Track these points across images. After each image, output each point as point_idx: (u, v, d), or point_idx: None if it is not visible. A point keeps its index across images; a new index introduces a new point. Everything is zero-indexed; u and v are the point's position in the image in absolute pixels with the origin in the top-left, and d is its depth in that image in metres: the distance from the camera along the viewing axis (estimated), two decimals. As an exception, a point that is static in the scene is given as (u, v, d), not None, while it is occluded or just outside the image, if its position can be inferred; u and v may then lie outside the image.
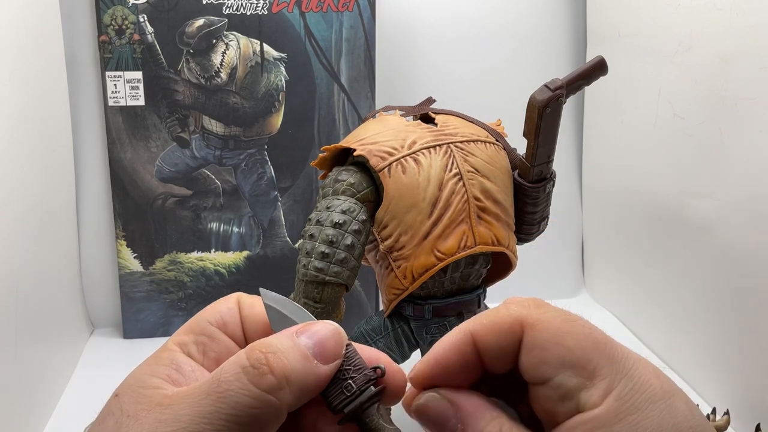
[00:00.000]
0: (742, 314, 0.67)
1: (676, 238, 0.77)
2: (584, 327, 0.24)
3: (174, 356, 0.26)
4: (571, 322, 0.24)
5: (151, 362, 0.27)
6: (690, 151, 0.73)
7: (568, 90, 0.55)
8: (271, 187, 0.87)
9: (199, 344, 0.27)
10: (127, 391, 0.25)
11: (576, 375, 0.23)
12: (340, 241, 0.53)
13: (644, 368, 0.23)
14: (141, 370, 0.26)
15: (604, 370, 0.23)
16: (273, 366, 0.24)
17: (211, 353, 0.27)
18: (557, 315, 0.24)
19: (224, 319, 0.28)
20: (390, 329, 0.61)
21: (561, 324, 0.24)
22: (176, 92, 0.83)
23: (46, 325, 0.72)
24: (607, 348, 0.23)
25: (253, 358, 0.24)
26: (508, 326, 0.24)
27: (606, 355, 0.23)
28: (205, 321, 0.28)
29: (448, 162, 0.55)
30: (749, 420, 0.65)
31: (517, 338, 0.24)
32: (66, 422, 0.70)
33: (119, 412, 0.25)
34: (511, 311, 0.24)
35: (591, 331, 0.24)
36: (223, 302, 0.29)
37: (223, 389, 0.23)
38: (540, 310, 0.24)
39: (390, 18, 0.90)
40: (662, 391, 0.23)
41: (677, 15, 0.73)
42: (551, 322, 0.24)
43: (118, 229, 0.85)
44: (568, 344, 0.23)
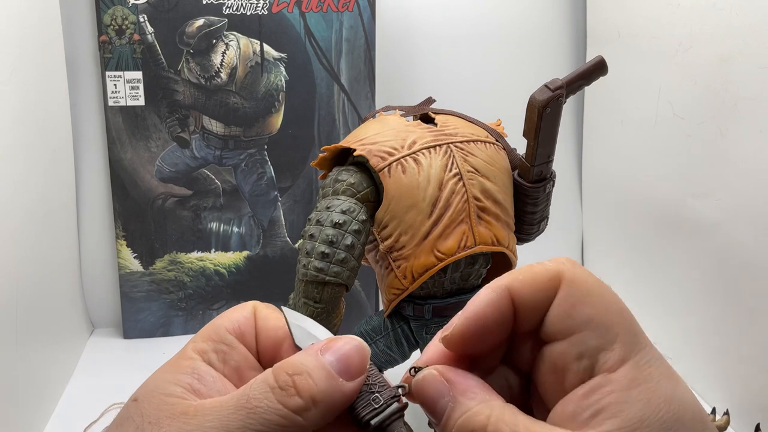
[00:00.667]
0: (742, 314, 0.67)
1: (676, 238, 0.77)
2: (613, 294, 0.25)
3: (195, 365, 0.26)
4: (602, 286, 0.25)
5: (171, 369, 0.26)
6: (690, 151, 0.73)
7: (568, 90, 0.55)
8: (271, 187, 0.87)
9: (219, 352, 0.27)
10: (147, 397, 0.25)
11: (599, 336, 0.24)
12: (340, 241, 0.53)
13: (655, 349, 0.25)
14: (161, 376, 0.26)
15: (625, 338, 0.24)
16: (300, 388, 0.24)
17: (231, 362, 0.27)
18: (591, 275, 0.25)
19: (242, 329, 0.28)
20: (390, 329, 0.61)
21: (595, 284, 0.25)
22: (176, 92, 0.83)
23: (46, 325, 0.72)
24: (631, 319, 0.24)
25: (281, 380, 0.25)
26: (547, 280, 0.25)
27: (628, 326, 0.24)
28: (224, 329, 0.28)
29: (448, 162, 0.55)
30: (749, 420, 0.65)
31: (553, 292, 0.25)
32: (66, 422, 0.70)
33: (139, 418, 0.24)
34: (548, 266, 0.25)
35: (618, 300, 0.25)
36: (240, 311, 0.29)
37: (253, 406, 0.24)
38: (575, 267, 0.25)
39: (390, 18, 0.90)
40: (672, 371, 0.24)
41: (677, 15, 0.73)
42: (587, 280, 0.25)
43: (118, 229, 0.85)
44: (598, 305, 0.24)
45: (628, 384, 0.23)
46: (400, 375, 0.29)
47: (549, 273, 0.25)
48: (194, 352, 0.27)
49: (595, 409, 0.23)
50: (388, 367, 0.64)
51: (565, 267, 0.25)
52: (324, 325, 0.55)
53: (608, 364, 0.23)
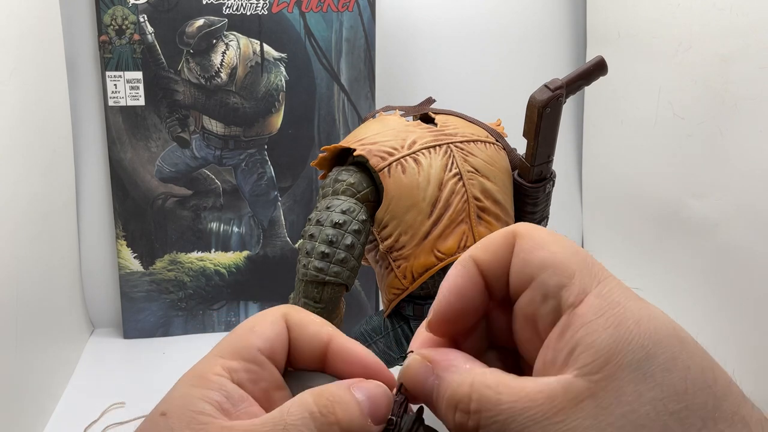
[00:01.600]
0: (742, 313, 0.67)
1: (676, 238, 0.77)
2: (566, 239, 0.26)
3: (223, 382, 0.26)
4: (557, 236, 0.26)
5: (198, 383, 0.26)
6: (690, 151, 0.73)
7: (568, 90, 0.55)
8: (271, 187, 0.87)
9: (250, 373, 0.26)
10: (176, 413, 0.25)
11: (556, 273, 0.24)
12: (340, 241, 0.53)
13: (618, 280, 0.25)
14: (189, 392, 0.25)
15: (582, 272, 0.24)
16: (340, 416, 0.24)
17: (262, 383, 0.27)
18: (544, 231, 0.26)
19: (273, 348, 0.27)
20: (390, 329, 0.61)
21: (547, 235, 0.26)
22: (176, 92, 0.83)
23: (46, 325, 0.72)
24: (586, 257, 0.25)
25: (322, 404, 0.24)
26: (503, 240, 0.26)
27: (584, 262, 0.24)
28: (256, 349, 0.27)
29: (448, 162, 0.55)
30: (749, 420, 0.65)
31: (511, 248, 0.26)
32: (66, 422, 0.70)
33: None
34: (503, 230, 0.26)
35: (572, 244, 0.25)
36: (271, 326, 0.28)
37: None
38: (530, 226, 0.26)
39: (390, 18, 0.90)
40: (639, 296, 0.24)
41: (677, 15, 0.73)
42: (538, 232, 0.26)
43: (118, 229, 0.85)
44: (552, 248, 0.25)
45: (593, 314, 0.23)
46: (400, 375, 0.28)
47: (504, 233, 0.26)
48: (223, 370, 0.26)
49: (569, 348, 0.23)
50: (389, 367, 0.64)
51: (520, 226, 0.26)
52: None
53: (571, 298, 0.24)
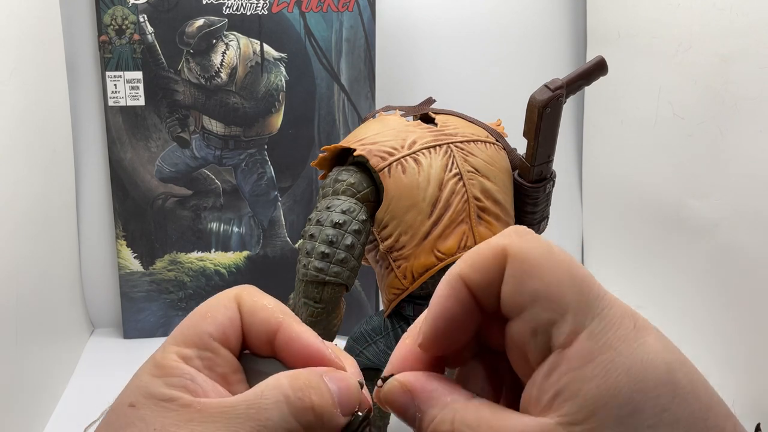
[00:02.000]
0: (742, 314, 0.67)
1: (676, 238, 0.77)
2: (563, 261, 0.23)
3: (182, 367, 0.25)
4: (550, 254, 0.23)
5: (158, 372, 0.25)
6: (690, 151, 0.73)
7: (568, 90, 0.55)
8: (271, 187, 0.87)
9: (204, 359, 0.26)
10: (145, 403, 0.25)
11: (548, 309, 0.23)
12: (340, 241, 0.53)
13: (618, 308, 0.23)
14: (150, 380, 0.25)
15: (577, 307, 0.22)
16: (315, 401, 0.24)
17: (217, 369, 0.26)
18: (538, 245, 0.24)
19: (227, 333, 0.27)
20: (390, 329, 0.61)
21: (541, 255, 0.23)
22: (176, 92, 0.83)
23: (47, 325, 0.72)
24: (583, 285, 0.23)
25: (297, 388, 0.24)
26: (492, 258, 0.24)
27: (581, 292, 0.23)
28: (207, 335, 0.26)
29: (448, 162, 0.55)
30: (749, 420, 0.65)
31: (501, 269, 0.24)
32: (66, 422, 0.70)
33: (142, 424, 0.24)
34: (493, 244, 0.24)
35: (569, 266, 0.23)
36: (223, 310, 0.27)
37: (264, 417, 0.23)
38: (521, 238, 0.24)
39: (390, 18, 0.90)
40: (636, 329, 0.22)
41: (677, 15, 0.73)
42: (532, 252, 0.23)
43: (118, 229, 0.85)
44: (545, 277, 0.23)
45: (582, 359, 0.22)
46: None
47: (494, 251, 0.24)
48: (178, 358, 0.26)
49: (554, 391, 0.22)
50: (388, 367, 0.64)
51: (510, 240, 0.24)
52: (324, 324, 0.55)
53: (561, 338, 0.22)
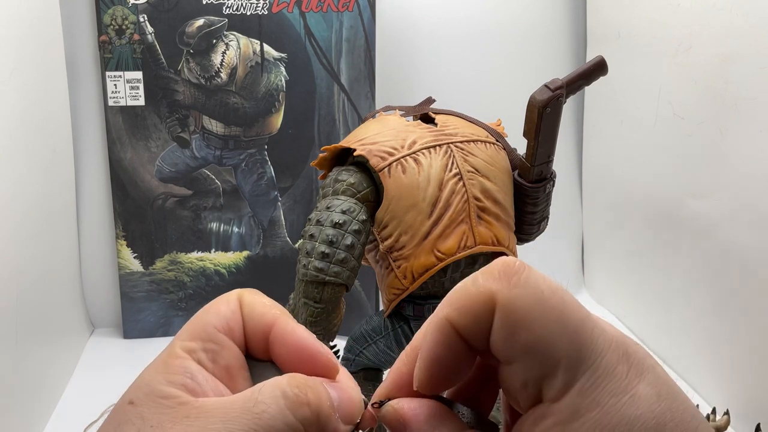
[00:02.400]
0: (742, 314, 0.67)
1: (676, 238, 0.77)
2: (554, 309, 0.22)
3: (186, 363, 0.26)
4: (541, 302, 0.22)
5: (162, 369, 0.26)
6: (690, 151, 0.73)
7: (568, 90, 0.55)
8: (271, 187, 0.87)
9: (209, 352, 0.26)
10: (144, 400, 0.25)
11: (539, 364, 0.22)
12: (340, 241, 0.53)
13: (613, 353, 0.22)
14: (153, 378, 0.26)
15: (569, 361, 0.22)
16: (311, 398, 0.24)
17: (222, 361, 0.26)
18: (528, 292, 0.23)
19: (230, 324, 0.27)
20: (390, 329, 0.61)
21: (531, 305, 0.22)
22: (176, 92, 0.83)
23: (47, 325, 0.72)
24: (575, 335, 0.22)
25: (294, 385, 0.24)
26: (482, 305, 0.23)
27: (573, 343, 0.22)
28: (212, 327, 0.27)
29: (448, 162, 0.55)
30: (749, 420, 0.65)
31: (490, 317, 0.23)
32: (66, 422, 0.70)
33: (140, 422, 0.24)
34: (481, 287, 0.23)
35: (561, 314, 0.22)
36: (225, 304, 0.28)
37: (260, 410, 0.24)
38: (510, 283, 0.23)
39: (390, 18, 0.90)
40: (628, 379, 0.22)
41: (677, 15, 0.73)
42: (522, 303, 0.23)
43: (118, 229, 0.85)
44: (536, 330, 0.22)
45: (570, 416, 0.22)
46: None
47: (482, 297, 0.23)
48: (183, 351, 0.26)
49: None
50: (388, 367, 0.64)
51: (499, 286, 0.23)
52: (324, 324, 0.55)
53: (552, 392, 0.22)
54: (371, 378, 0.63)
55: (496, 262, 0.24)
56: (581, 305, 0.23)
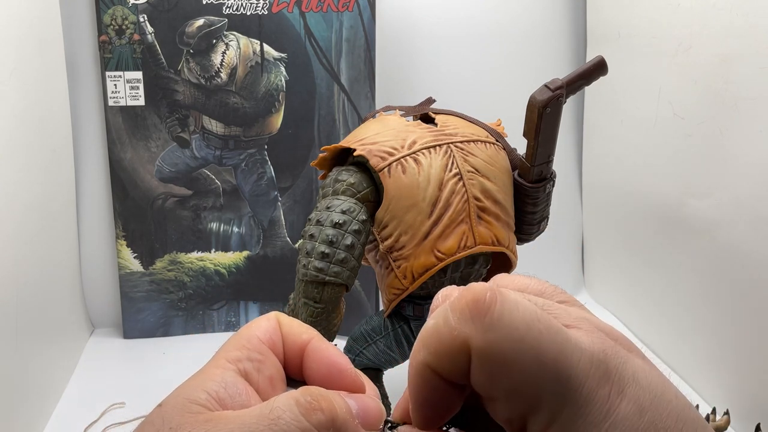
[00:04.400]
0: (742, 314, 0.67)
1: (676, 238, 0.77)
2: (531, 348, 0.22)
3: (225, 374, 0.27)
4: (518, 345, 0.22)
5: (199, 377, 0.27)
6: (690, 151, 0.73)
7: (568, 90, 0.55)
8: (271, 187, 0.87)
9: (254, 361, 0.27)
10: (171, 402, 0.26)
11: (521, 404, 0.23)
12: (340, 241, 0.53)
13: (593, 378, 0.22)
14: (189, 384, 0.26)
15: (551, 398, 0.22)
16: (323, 406, 0.25)
17: (266, 371, 0.28)
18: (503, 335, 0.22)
19: (273, 338, 0.28)
20: (390, 329, 0.61)
21: (508, 349, 0.22)
22: (176, 92, 0.83)
23: (46, 325, 0.72)
24: (555, 369, 0.22)
25: (308, 393, 0.25)
26: (457, 350, 0.23)
27: (553, 380, 0.22)
28: (257, 338, 0.28)
29: (448, 162, 0.55)
30: (749, 420, 0.65)
31: (466, 362, 0.23)
32: (66, 422, 0.70)
33: (160, 422, 0.25)
34: (453, 331, 0.23)
35: (539, 351, 0.22)
36: (266, 321, 0.29)
37: (275, 416, 0.24)
38: (483, 325, 0.22)
39: (390, 18, 0.90)
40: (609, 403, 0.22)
41: (677, 15, 0.73)
42: (497, 348, 0.22)
43: (118, 229, 0.85)
44: (514, 374, 0.22)
45: None
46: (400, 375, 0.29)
47: (456, 342, 0.23)
48: (227, 361, 0.27)
49: None
50: (388, 367, 0.64)
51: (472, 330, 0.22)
52: (324, 324, 0.55)
53: (535, 427, 0.22)
54: (371, 378, 0.63)
55: (466, 295, 0.23)
56: (558, 327, 0.23)
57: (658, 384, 0.23)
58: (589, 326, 0.24)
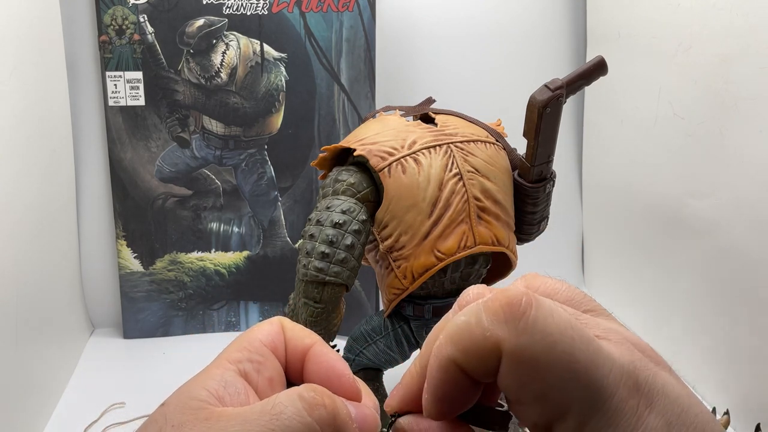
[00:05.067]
0: (742, 314, 0.67)
1: (676, 238, 0.77)
2: (563, 354, 0.22)
3: (225, 374, 0.27)
4: (551, 350, 0.22)
5: (201, 376, 0.27)
6: (690, 151, 0.73)
7: (568, 90, 0.55)
8: (271, 187, 0.87)
9: (254, 362, 0.28)
10: (173, 401, 0.26)
11: (549, 410, 0.23)
12: (340, 241, 0.53)
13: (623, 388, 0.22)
14: (191, 383, 0.27)
15: (579, 405, 0.22)
16: (326, 402, 0.25)
17: (266, 373, 0.28)
18: (536, 339, 0.22)
19: (275, 342, 0.29)
20: (390, 329, 0.61)
21: (539, 353, 0.22)
22: (176, 92, 0.83)
23: (46, 325, 0.72)
24: (586, 377, 0.22)
25: (310, 389, 0.26)
26: (488, 351, 0.23)
27: (585, 387, 0.22)
28: (258, 341, 0.28)
29: (448, 162, 0.55)
30: (749, 420, 0.65)
31: (496, 363, 0.23)
32: (66, 422, 0.70)
33: (162, 420, 0.25)
34: (486, 332, 0.23)
35: (571, 359, 0.22)
36: (269, 325, 0.29)
37: (278, 411, 0.24)
38: (518, 329, 0.22)
39: (390, 18, 0.90)
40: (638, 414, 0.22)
41: (677, 15, 0.73)
42: (530, 352, 0.22)
43: (118, 229, 0.85)
44: (545, 379, 0.22)
45: None
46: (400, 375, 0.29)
47: (488, 343, 0.23)
48: (228, 362, 0.27)
49: None
50: (388, 367, 0.64)
51: (505, 333, 0.22)
52: (324, 324, 0.55)
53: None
54: (371, 378, 0.63)
55: (501, 298, 0.23)
56: (590, 337, 0.23)
57: (685, 398, 0.23)
58: (619, 337, 0.24)
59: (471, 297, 0.26)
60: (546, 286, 0.27)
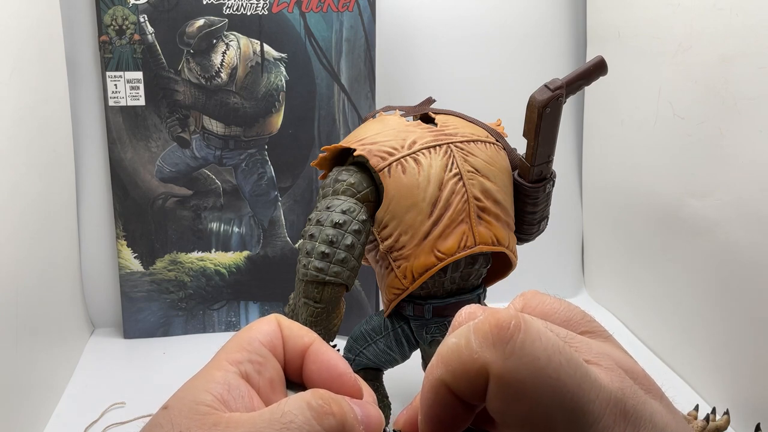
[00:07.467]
0: (742, 314, 0.67)
1: (676, 238, 0.77)
2: (550, 379, 0.22)
3: (228, 376, 0.26)
4: (537, 374, 0.22)
5: (202, 378, 0.27)
6: (690, 151, 0.73)
7: (568, 90, 0.55)
8: (271, 187, 0.87)
9: (255, 363, 0.27)
10: (177, 405, 0.25)
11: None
12: (340, 241, 0.53)
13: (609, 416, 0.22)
14: (193, 384, 0.26)
15: (563, 429, 0.22)
16: (335, 410, 0.25)
17: (266, 373, 0.28)
18: (523, 363, 0.22)
19: (273, 342, 0.28)
20: (390, 329, 0.61)
21: (526, 378, 0.22)
22: (176, 92, 0.83)
23: (47, 325, 0.72)
24: (572, 402, 0.22)
25: (318, 396, 0.25)
26: (475, 373, 0.23)
27: (569, 411, 0.22)
28: (257, 341, 0.28)
29: (448, 162, 0.55)
30: (749, 420, 0.65)
31: (484, 385, 0.23)
32: (66, 422, 0.70)
33: (169, 425, 0.25)
34: (475, 354, 0.23)
35: (557, 383, 0.22)
36: (267, 324, 0.29)
37: (287, 420, 0.24)
38: (505, 352, 0.22)
39: (390, 18, 0.90)
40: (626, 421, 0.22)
41: (677, 15, 0.73)
42: (517, 376, 0.22)
43: (118, 229, 0.85)
44: (531, 403, 0.22)
45: None
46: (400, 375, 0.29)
47: (476, 365, 0.23)
48: (228, 363, 0.27)
49: None
50: (388, 367, 0.64)
51: (493, 356, 0.22)
52: (324, 324, 0.55)
53: None
54: (371, 378, 0.63)
55: (490, 320, 0.23)
56: (578, 362, 0.23)
57: (672, 427, 0.23)
58: (610, 363, 0.24)
59: (463, 318, 0.26)
60: (544, 305, 0.26)
